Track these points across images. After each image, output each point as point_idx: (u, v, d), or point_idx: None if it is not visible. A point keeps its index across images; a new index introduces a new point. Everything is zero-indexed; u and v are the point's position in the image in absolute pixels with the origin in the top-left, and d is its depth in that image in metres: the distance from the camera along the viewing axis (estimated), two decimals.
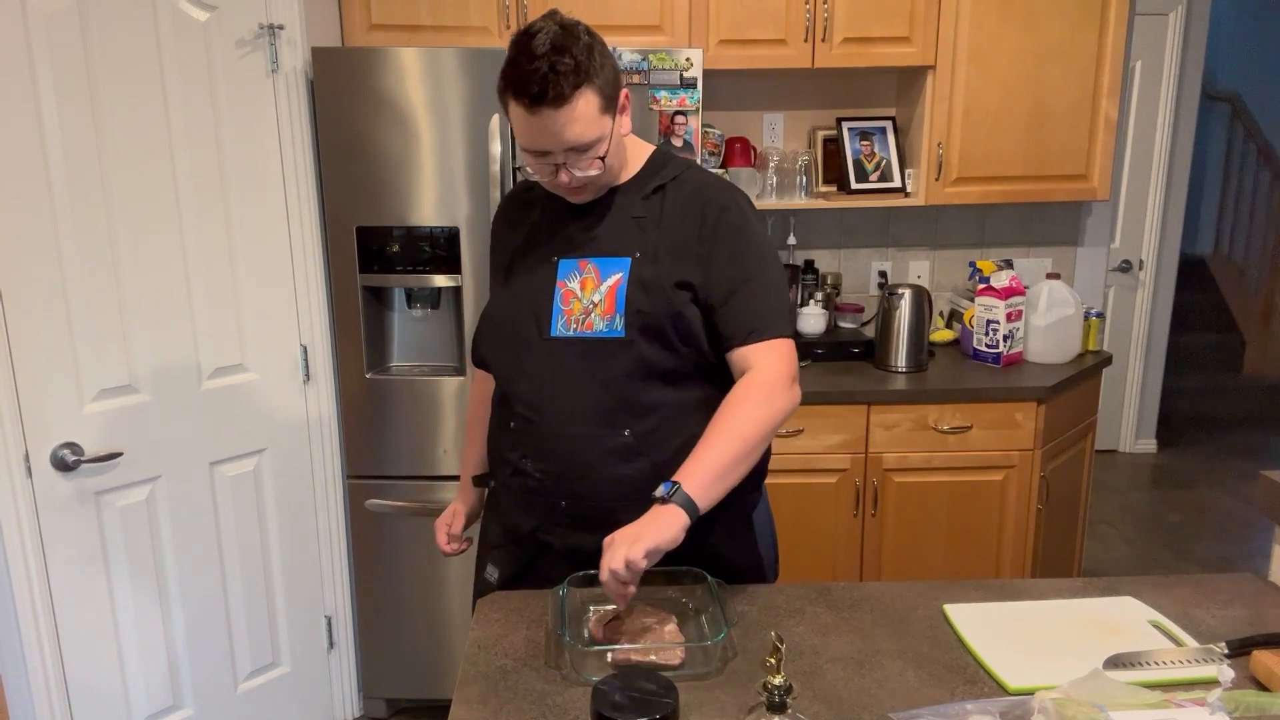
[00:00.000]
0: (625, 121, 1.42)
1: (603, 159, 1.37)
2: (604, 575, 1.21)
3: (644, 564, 1.20)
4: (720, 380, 1.44)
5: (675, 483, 1.27)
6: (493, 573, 1.56)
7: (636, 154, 1.50)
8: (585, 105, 1.31)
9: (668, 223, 1.44)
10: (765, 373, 1.38)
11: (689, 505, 1.26)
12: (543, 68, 1.27)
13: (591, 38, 1.33)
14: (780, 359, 1.40)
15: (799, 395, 1.42)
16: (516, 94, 1.30)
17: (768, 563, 1.61)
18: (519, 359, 1.46)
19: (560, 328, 1.43)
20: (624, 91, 1.38)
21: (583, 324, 1.42)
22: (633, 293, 1.40)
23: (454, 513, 1.72)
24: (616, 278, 1.42)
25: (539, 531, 1.48)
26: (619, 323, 1.40)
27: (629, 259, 1.42)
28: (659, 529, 1.22)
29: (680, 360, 1.42)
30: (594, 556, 1.36)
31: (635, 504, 1.37)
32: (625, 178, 1.48)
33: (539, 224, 1.51)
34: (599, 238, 1.45)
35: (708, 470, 1.30)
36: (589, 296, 1.42)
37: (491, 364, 1.55)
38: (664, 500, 1.26)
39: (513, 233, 1.55)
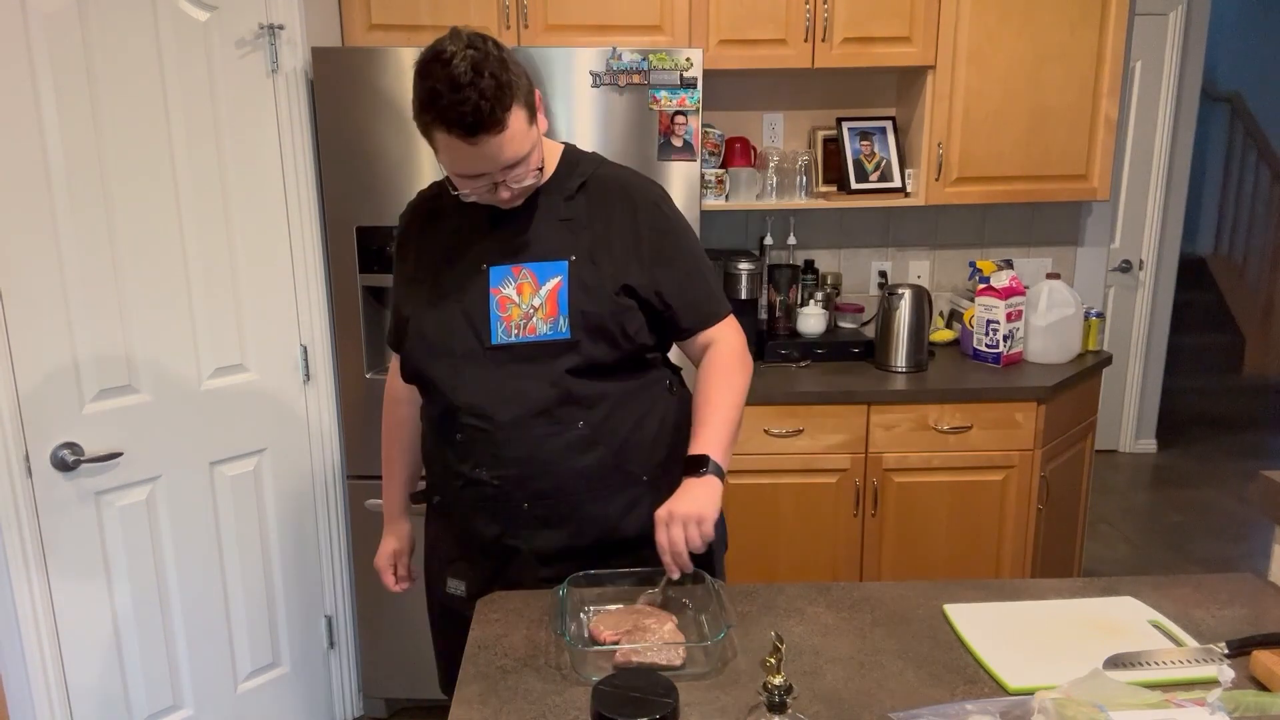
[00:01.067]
0: (542, 120, 1.40)
1: (539, 168, 1.39)
2: (674, 552, 1.32)
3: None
4: (657, 365, 1.55)
5: (704, 455, 1.38)
6: (458, 586, 1.55)
7: (550, 153, 1.49)
8: (516, 122, 1.29)
9: (596, 222, 1.46)
10: (733, 344, 1.51)
11: (720, 473, 1.37)
12: (472, 97, 1.23)
13: (499, 48, 1.29)
14: (736, 331, 1.53)
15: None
16: (449, 126, 1.26)
17: (718, 554, 1.61)
18: (459, 371, 1.44)
19: (501, 334, 1.43)
20: (536, 91, 1.36)
21: (524, 329, 1.43)
22: (575, 295, 1.42)
23: (396, 552, 1.71)
24: (556, 281, 1.43)
25: (504, 537, 1.48)
26: (563, 324, 1.42)
27: (565, 262, 1.44)
28: (712, 501, 1.35)
29: (623, 354, 1.46)
30: (562, 553, 1.45)
31: (598, 493, 1.46)
32: (543, 178, 1.46)
33: (458, 233, 1.48)
34: (530, 242, 1.45)
35: (723, 437, 1.41)
36: (528, 301, 1.43)
37: (430, 379, 1.48)
38: (700, 473, 1.36)
39: (428, 244, 1.52)
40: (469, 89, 1.23)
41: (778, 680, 1.01)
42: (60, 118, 1.89)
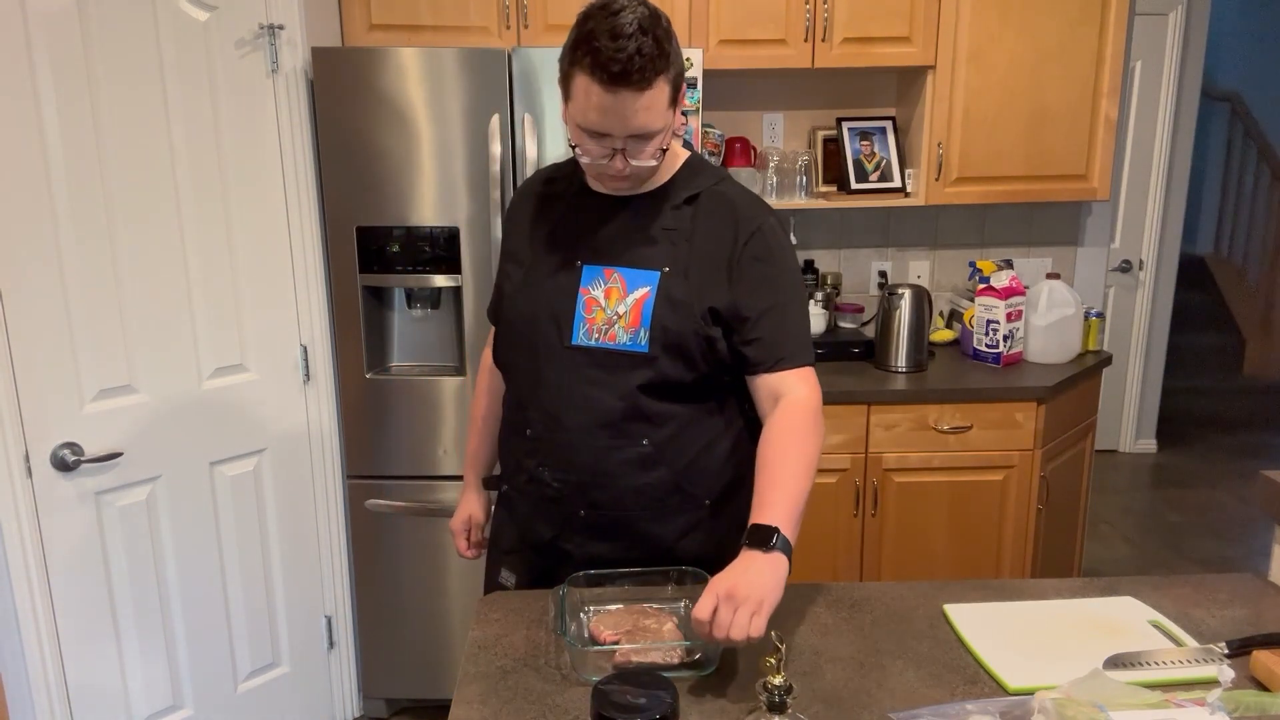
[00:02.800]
0: (679, 119, 1.37)
1: (661, 152, 1.34)
2: (721, 635, 1.13)
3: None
4: (732, 390, 1.46)
5: (773, 527, 1.22)
6: (509, 578, 1.55)
7: (673, 159, 1.44)
8: (659, 93, 1.27)
9: (698, 237, 1.40)
10: (808, 403, 1.39)
11: (788, 551, 1.22)
12: (629, 48, 1.21)
13: (669, 27, 1.28)
14: (813, 389, 1.41)
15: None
16: (594, 70, 1.23)
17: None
18: (538, 366, 1.43)
19: (581, 336, 1.40)
20: (684, 86, 1.34)
21: (605, 334, 1.39)
22: (660, 309, 1.37)
23: (470, 519, 1.69)
24: (644, 291, 1.39)
25: (558, 540, 1.47)
26: (643, 337, 1.38)
27: (658, 273, 1.39)
28: (778, 585, 1.18)
29: (699, 375, 1.41)
30: (613, 565, 1.40)
31: (655, 512, 1.43)
32: (658, 182, 1.43)
33: (563, 223, 1.47)
34: (627, 247, 1.41)
35: (792, 510, 1.26)
36: (613, 307, 1.39)
37: (511, 370, 1.51)
38: (768, 549, 1.20)
39: (532, 228, 1.50)
40: (628, 40, 1.21)
41: (778, 680, 1.01)
42: (60, 118, 1.89)
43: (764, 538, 1.21)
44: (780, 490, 1.27)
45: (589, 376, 1.40)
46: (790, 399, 1.38)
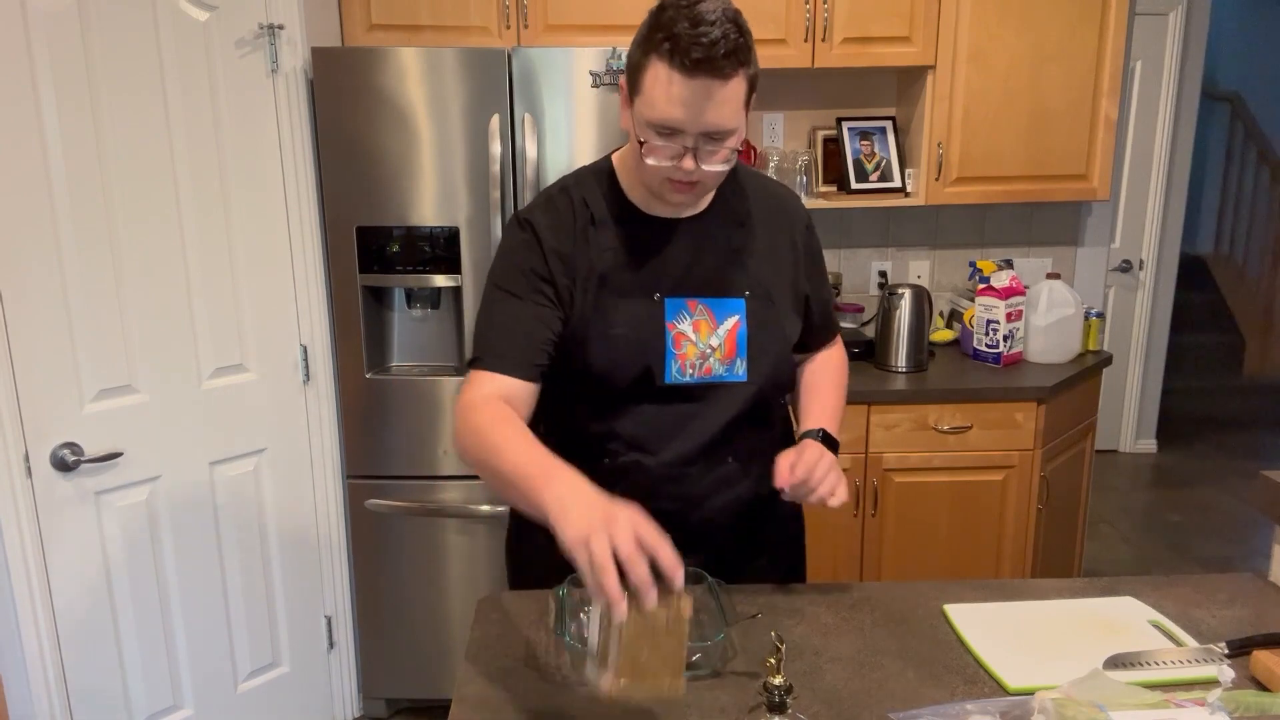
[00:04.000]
0: (743, 126, 1.29)
1: (734, 154, 1.26)
2: (811, 477, 1.32)
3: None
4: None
5: (836, 441, 1.44)
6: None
7: None
8: (737, 89, 1.21)
9: (768, 253, 1.42)
10: (842, 353, 1.61)
11: (832, 444, 1.42)
12: (713, 34, 1.15)
13: (748, 28, 1.22)
14: (841, 343, 1.62)
15: None
16: (674, 56, 1.15)
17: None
18: (625, 402, 1.36)
19: (675, 373, 1.35)
20: (754, 93, 1.28)
21: (700, 369, 1.36)
22: (754, 335, 1.37)
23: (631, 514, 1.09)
24: (734, 321, 1.37)
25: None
26: (740, 367, 1.38)
27: (742, 300, 1.38)
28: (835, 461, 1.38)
29: (784, 382, 1.48)
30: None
31: (736, 523, 1.46)
32: (705, 203, 1.39)
33: (624, 252, 1.35)
34: (704, 274, 1.36)
35: (836, 422, 1.47)
36: (706, 341, 1.36)
37: (584, 406, 1.38)
38: (834, 450, 1.42)
39: (582, 259, 1.34)
40: (711, 27, 1.15)
41: (778, 680, 1.01)
42: (60, 118, 1.89)
43: (833, 446, 1.42)
44: (833, 408, 1.49)
45: (683, 411, 1.37)
46: (834, 351, 1.60)
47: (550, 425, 1.40)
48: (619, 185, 1.37)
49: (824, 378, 1.54)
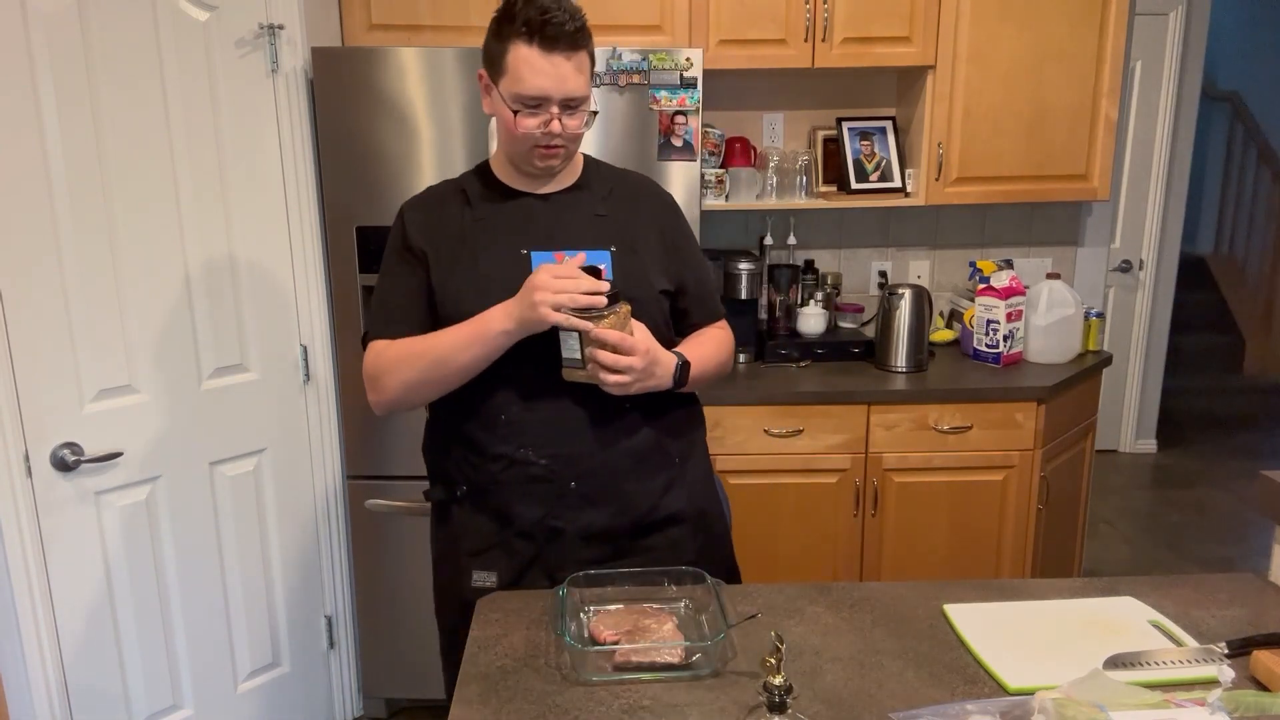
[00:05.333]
0: (592, 97, 1.52)
1: (587, 119, 1.46)
2: (610, 365, 1.36)
3: (635, 353, 1.38)
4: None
5: (688, 366, 1.48)
6: (487, 578, 1.52)
7: (576, 159, 1.57)
8: (586, 63, 1.43)
9: (628, 218, 1.55)
10: (730, 336, 1.65)
11: (683, 367, 1.46)
12: (561, 16, 1.37)
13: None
14: (729, 334, 1.66)
15: None
16: (534, 36, 1.37)
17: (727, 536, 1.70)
18: (509, 351, 1.43)
19: None
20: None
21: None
22: (622, 283, 1.45)
23: (561, 263, 1.46)
24: (601, 268, 1.45)
25: (547, 518, 1.49)
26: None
27: (607, 252, 1.50)
28: (666, 377, 1.44)
29: (660, 340, 1.50)
30: (603, 534, 1.48)
31: (641, 472, 1.51)
32: (569, 181, 1.56)
33: (493, 221, 1.51)
34: (569, 233, 1.50)
35: (698, 360, 1.51)
36: None
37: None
38: (675, 380, 1.46)
39: (451, 225, 1.52)
40: (559, 10, 1.37)
41: (778, 680, 1.01)
42: (60, 118, 1.89)
43: (682, 374, 1.47)
44: (704, 354, 1.54)
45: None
46: (717, 326, 1.66)
47: (443, 402, 1.53)
48: (491, 171, 1.57)
49: (703, 335, 1.61)
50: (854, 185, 2.94)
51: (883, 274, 3.19)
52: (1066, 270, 3.22)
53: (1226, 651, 1.20)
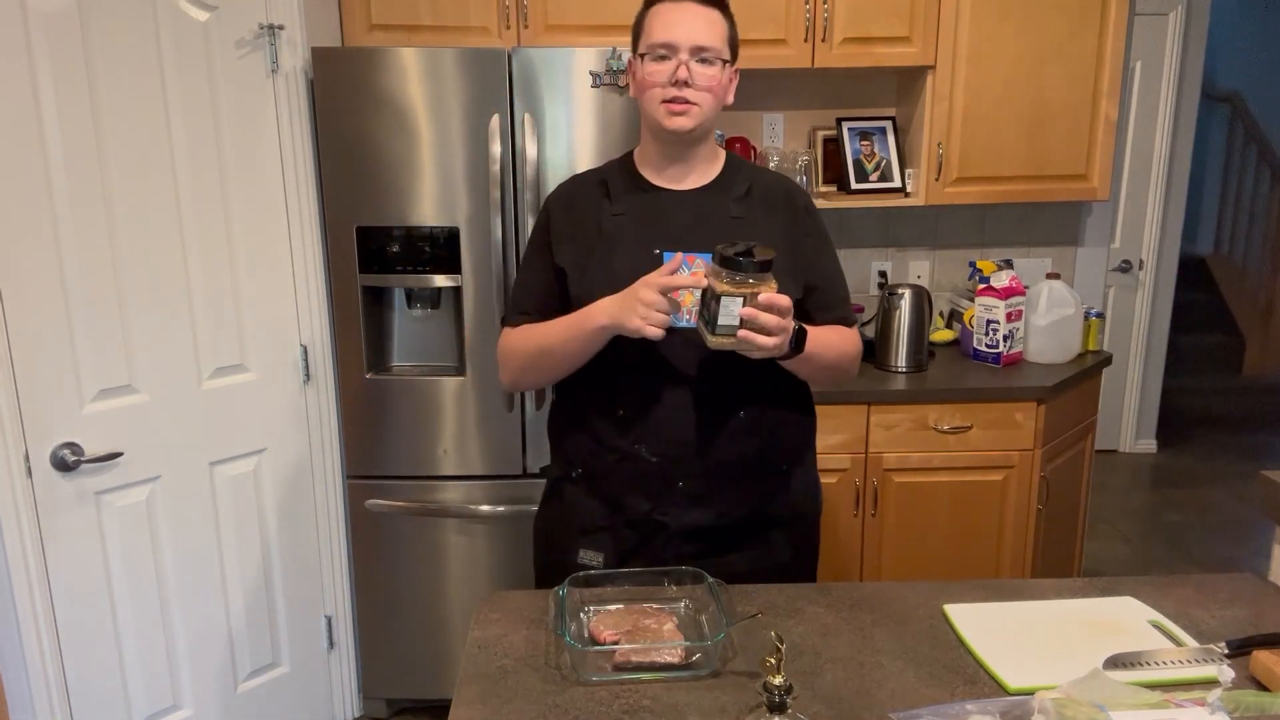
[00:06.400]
0: (732, 90, 1.54)
1: (716, 84, 1.48)
2: (770, 313, 1.33)
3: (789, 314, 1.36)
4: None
5: (805, 333, 1.45)
6: (594, 557, 1.57)
7: (717, 154, 1.60)
8: (723, 22, 1.48)
9: (765, 220, 1.55)
10: (857, 339, 1.65)
11: (799, 332, 1.42)
12: None
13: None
14: (858, 339, 1.66)
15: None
16: None
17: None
18: (627, 349, 1.46)
19: (674, 318, 1.42)
20: (737, 69, 1.54)
21: (696, 315, 1.44)
22: None
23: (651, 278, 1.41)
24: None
25: (654, 512, 1.53)
26: None
27: None
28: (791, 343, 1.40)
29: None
30: (707, 531, 1.52)
31: (748, 479, 1.54)
32: (709, 177, 1.57)
33: (632, 215, 1.54)
34: (702, 234, 1.48)
35: (819, 338, 1.48)
36: None
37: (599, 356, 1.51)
38: (799, 346, 1.43)
39: (595, 217, 1.55)
40: None
41: (778, 680, 1.01)
42: (60, 118, 1.89)
43: (800, 341, 1.43)
44: (824, 335, 1.51)
45: (685, 356, 1.48)
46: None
47: (569, 385, 1.58)
48: (633, 164, 1.59)
49: (828, 327, 1.56)
50: (854, 185, 2.94)
51: (883, 274, 3.19)
52: (1066, 270, 3.22)
53: (1226, 651, 1.20)
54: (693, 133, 1.50)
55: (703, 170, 1.57)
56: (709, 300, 1.33)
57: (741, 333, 1.32)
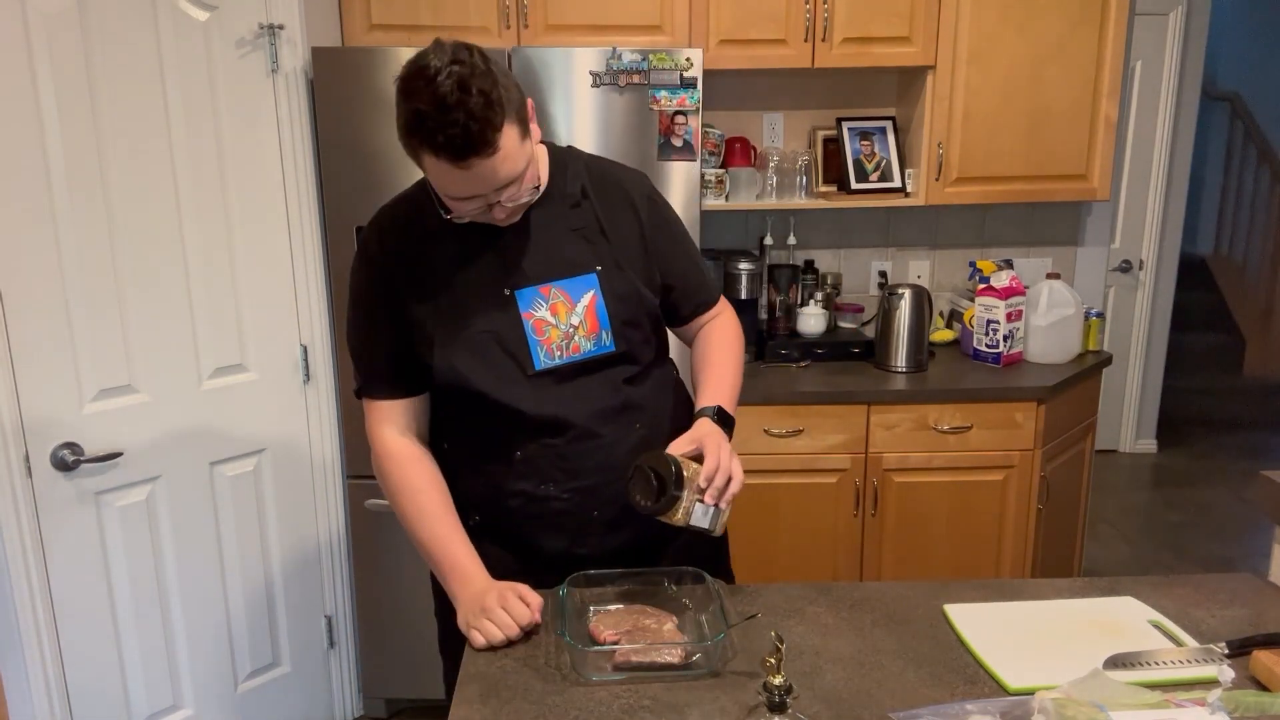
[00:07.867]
0: (535, 132, 1.33)
1: (536, 184, 1.34)
2: (721, 481, 1.31)
3: (735, 471, 1.34)
4: (665, 351, 1.57)
5: (732, 419, 1.43)
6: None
7: (539, 159, 1.43)
8: (508, 140, 1.22)
9: (609, 228, 1.44)
10: (730, 318, 1.59)
11: (726, 422, 1.41)
12: (460, 118, 1.16)
13: (486, 60, 1.20)
14: (729, 308, 1.61)
15: None
16: (436, 151, 1.19)
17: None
18: (506, 400, 1.38)
19: (544, 359, 1.39)
20: (529, 102, 1.29)
21: (567, 349, 1.40)
22: (612, 307, 1.41)
23: (512, 587, 1.33)
24: (590, 296, 1.40)
25: (572, 547, 1.46)
26: (607, 338, 1.41)
27: (593, 274, 1.41)
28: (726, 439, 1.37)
29: (654, 348, 1.50)
30: (628, 555, 1.45)
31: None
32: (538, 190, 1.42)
33: (462, 255, 1.39)
34: (549, 259, 1.39)
35: (731, 398, 1.46)
36: (566, 321, 1.40)
37: (469, 413, 1.43)
38: (729, 432, 1.40)
39: (424, 262, 1.39)
40: (456, 110, 1.15)
41: (778, 680, 1.01)
42: (60, 118, 1.89)
43: (728, 424, 1.42)
44: (723, 384, 1.47)
45: (569, 392, 1.40)
46: (722, 319, 1.58)
47: (452, 436, 1.48)
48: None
49: (716, 348, 1.53)
50: (854, 185, 2.94)
51: (883, 274, 3.19)
52: (1066, 270, 3.22)
53: (1226, 651, 1.20)
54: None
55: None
56: (686, 529, 1.33)
57: (723, 504, 1.32)
